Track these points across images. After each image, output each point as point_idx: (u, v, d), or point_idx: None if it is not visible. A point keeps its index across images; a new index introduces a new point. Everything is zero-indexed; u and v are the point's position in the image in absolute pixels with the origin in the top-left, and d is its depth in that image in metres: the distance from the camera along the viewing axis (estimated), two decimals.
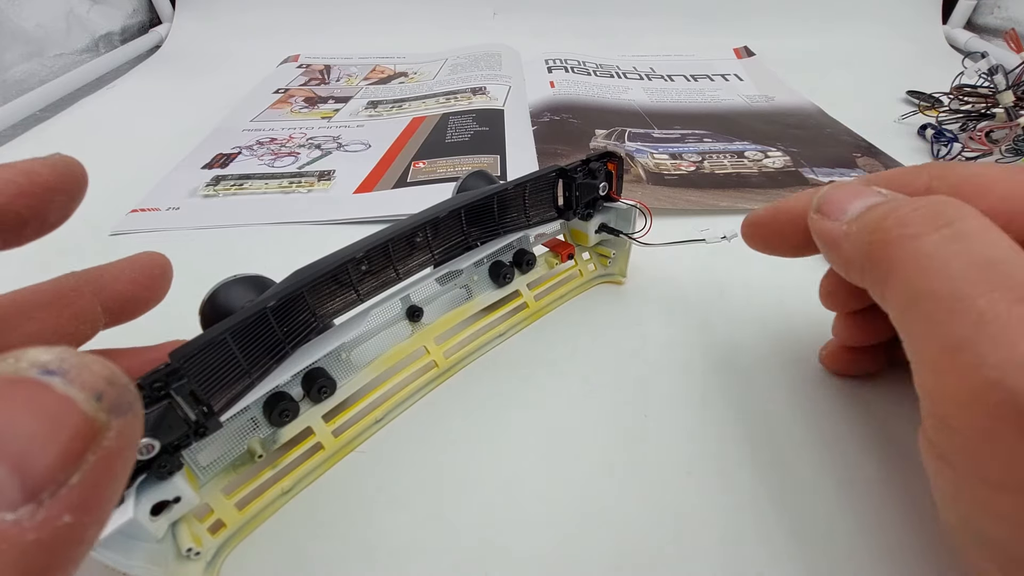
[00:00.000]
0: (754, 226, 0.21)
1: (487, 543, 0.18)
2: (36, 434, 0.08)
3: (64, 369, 0.08)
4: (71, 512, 0.08)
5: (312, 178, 0.40)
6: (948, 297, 0.13)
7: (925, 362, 0.14)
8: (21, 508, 0.07)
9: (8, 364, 0.08)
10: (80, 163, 0.16)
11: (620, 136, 0.45)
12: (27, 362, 0.08)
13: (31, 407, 0.08)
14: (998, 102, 0.40)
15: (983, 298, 0.12)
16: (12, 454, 0.07)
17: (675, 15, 0.71)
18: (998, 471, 0.12)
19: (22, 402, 0.08)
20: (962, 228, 0.13)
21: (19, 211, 0.14)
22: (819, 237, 0.17)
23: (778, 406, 0.22)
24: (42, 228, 0.15)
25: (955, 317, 0.12)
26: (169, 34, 0.69)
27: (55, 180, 0.15)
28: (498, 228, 0.24)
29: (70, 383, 0.08)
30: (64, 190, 0.15)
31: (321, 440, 0.20)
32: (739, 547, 0.18)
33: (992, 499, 0.12)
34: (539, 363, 0.24)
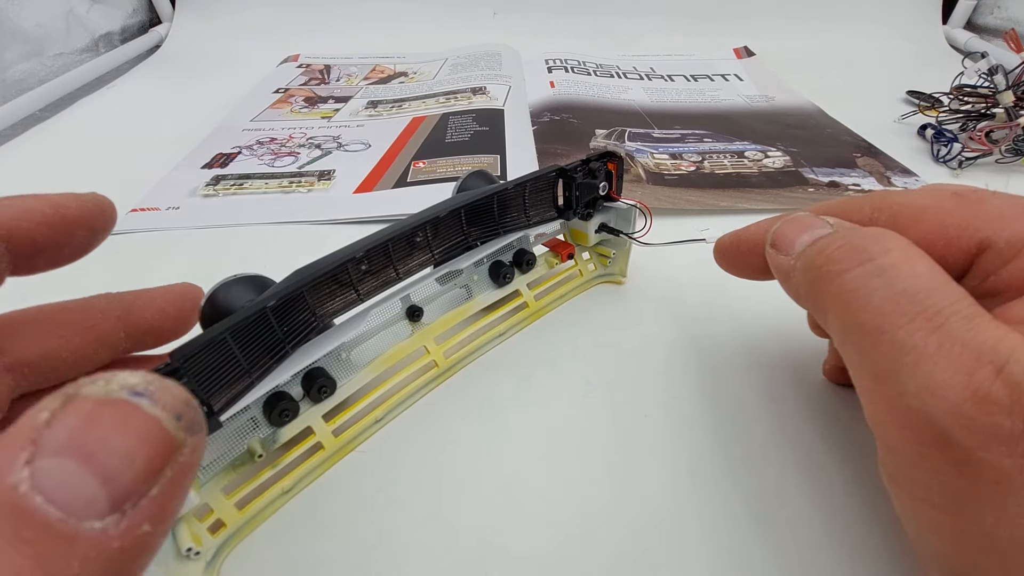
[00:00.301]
0: (719, 252, 0.21)
1: (487, 543, 0.18)
2: (125, 450, 0.08)
3: (150, 391, 0.09)
4: (149, 521, 0.09)
5: (312, 178, 0.40)
6: (873, 330, 0.13)
7: (862, 391, 0.14)
8: (108, 517, 0.08)
9: (99, 386, 0.09)
10: (112, 205, 0.16)
11: (620, 136, 0.45)
12: (118, 384, 0.09)
13: (122, 425, 0.09)
14: (998, 102, 0.40)
15: (902, 330, 0.13)
16: (103, 467, 0.08)
17: (675, 15, 0.71)
18: (935, 492, 0.13)
19: (113, 420, 0.09)
20: (883, 262, 0.14)
21: (36, 239, 0.14)
22: (774, 271, 0.18)
23: (780, 406, 0.22)
24: (56, 260, 0.16)
25: (879, 349, 0.13)
26: (169, 34, 0.69)
27: (81, 215, 0.15)
28: (498, 228, 0.24)
29: (155, 404, 0.09)
30: (88, 226, 0.16)
31: (321, 440, 0.20)
32: (740, 547, 0.18)
33: (934, 518, 0.13)
34: (539, 363, 0.24)
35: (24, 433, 0.08)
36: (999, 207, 0.15)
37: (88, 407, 0.09)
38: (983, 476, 0.11)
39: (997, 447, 0.11)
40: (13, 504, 0.08)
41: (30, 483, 0.08)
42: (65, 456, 0.08)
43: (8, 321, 0.16)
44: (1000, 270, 0.14)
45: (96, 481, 0.08)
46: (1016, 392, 0.11)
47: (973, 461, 0.11)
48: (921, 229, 0.15)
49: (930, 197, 0.16)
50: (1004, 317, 0.13)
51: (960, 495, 0.12)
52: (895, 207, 0.16)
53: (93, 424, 0.08)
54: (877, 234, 0.15)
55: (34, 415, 0.08)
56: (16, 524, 0.08)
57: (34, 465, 0.08)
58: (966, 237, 0.15)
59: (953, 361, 0.12)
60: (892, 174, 0.40)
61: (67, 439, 0.08)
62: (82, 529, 0.08)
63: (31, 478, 0.08)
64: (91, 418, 0.08)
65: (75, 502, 0.08)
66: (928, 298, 0.13)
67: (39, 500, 0.08)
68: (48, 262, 0.15)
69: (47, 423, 0.08)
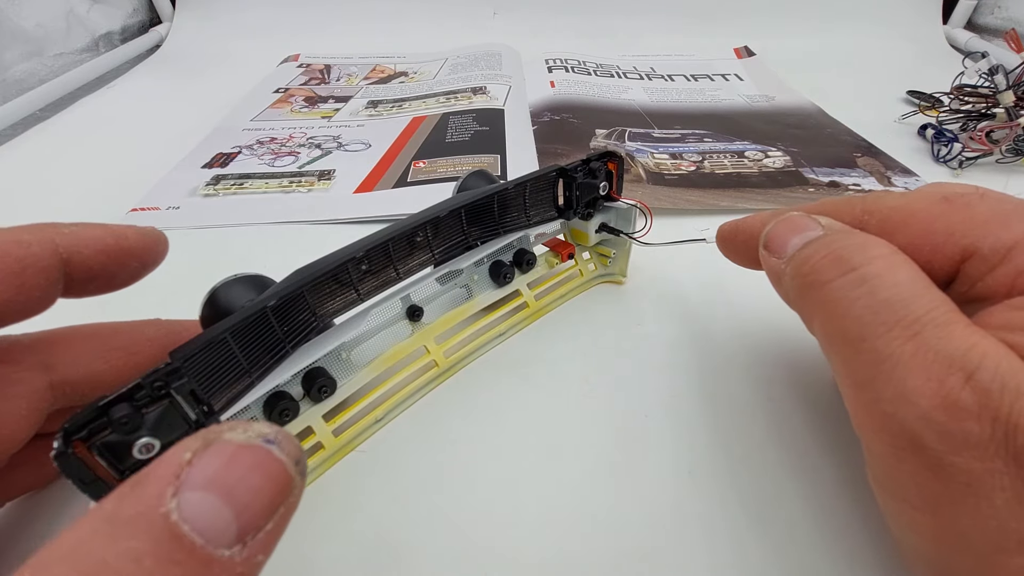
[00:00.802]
0: (720, 239, 0.22)
1: (487, 542, 0.18)
2: (257, 488, 0.10)
3: (278, 439, 0.10)
4: (263, 552, 0.10)
5: (312, 177, 0.40)
6: (854, 338, 0.14)
7: (846, 397, 0.15)
8: (235, 547, 0.09)
9: (239, 433, 0.10)
10: (166, 239, 0.17)
11: (620, 136, 0.45)
12: (255, 432, 0.10)
13: (257, 467, 0.10)
14: (998, 102, 0.40)
15: (880, 339, 0.13)
16: (238, 502, 0.10)
17: (675, 15, 0.70)
18: (913, 494, 0.13)
19: (251, 463, 0.10)
20: (865, 272, 0.14)
21: (93, 266, 0.15)
22: (767, 272, 0.18)
23: (781, 405, 0.22)
24: (107, 286, 0.16)
25: (859, 357, 0.14)
26: (169, 33, 0.69)
27: (137, 247, 0.16)
28: (498, 228, 0.24)
29: (282, 450, 0.10)
30: (140, 258, 0.16)
31: (321, 439, 0.20)
32: (739, 548, 0.18)
33: (914, 518, 0.13)
34: (539, 363, 0.24)
35: (169, 470, 0.10)
36: (985, 213, 0.15)
37: (231, 450, 0.10)
38: (955, 479, 0.12)
39: (967, 451, 0.12)
40: (169, 530, 0.09)
41: (178, 513, 0.09)
42: (208, 491, 0.09)
43: (62, 337, 0.17)
44: (985, 276, 0.14)
45: (231, 514, 0.09)
46: (984, 398, 0.11)
47: (945, 465, 0.12)
48: (909, 234, 0.15)
49: (920, 201, 0.16)
50: (985, 322, 0.13)
51: (936, 497, 0.12)
52: (885, 211, 0.16)
53: (234, 465, 0.10)
54: (861, 242, 0.15)
55: (177, 454, 0.10)
56: (169, 547, 0.09)
57: (180, 497, 0.09)
58: (951, 243, 0.15)
59: (926, 368, 0.12)
60: (892, 174, 0.40)
61: (211, 476, 0.10)
62: (216, 555, 0.09)
63: (179, 508, 0.09)
64: (233, 459, 0.10)
65: (212, 531, 0.09)
66: (906, 307, 0.13)
67: (187, 527, 0.09)
68: (99, 287, 0.16)
69: (189, 462, 0.10)
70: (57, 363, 0.16)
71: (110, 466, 0.13)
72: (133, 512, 0.09)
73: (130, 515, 0.09)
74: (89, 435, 0.13)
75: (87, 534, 0.09)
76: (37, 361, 0.16)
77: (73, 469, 0.12)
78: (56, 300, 0.15)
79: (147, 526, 0.09)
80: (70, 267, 0.15)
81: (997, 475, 0.11)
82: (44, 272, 0.14)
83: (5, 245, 0.14)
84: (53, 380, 0.16)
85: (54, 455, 0.12)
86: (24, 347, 0.16)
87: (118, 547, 0.09)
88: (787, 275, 0.17)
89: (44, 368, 0.16)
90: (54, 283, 0.15)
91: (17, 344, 0.16)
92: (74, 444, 0.12)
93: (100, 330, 0.17)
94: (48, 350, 0.16)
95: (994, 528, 0.12)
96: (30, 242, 0.14)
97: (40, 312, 0.15)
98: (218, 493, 0.09)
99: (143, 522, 0.09)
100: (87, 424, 0.13)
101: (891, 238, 0.15)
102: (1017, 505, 0.11)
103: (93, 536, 0.09)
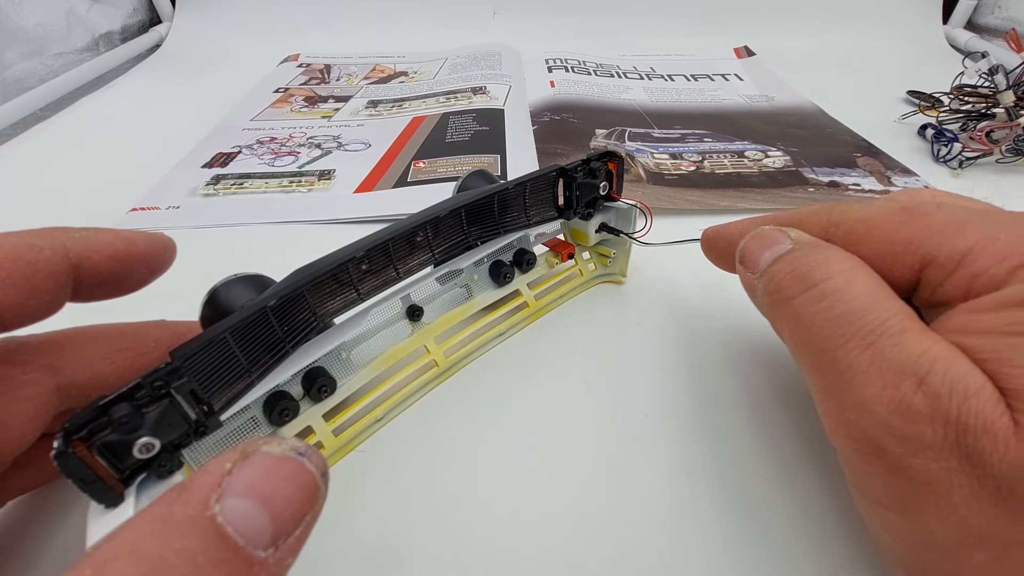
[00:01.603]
0: (703, 244, 0.23)
1: (487, 542, 0.18)
2: (291, 496, 0.11)
3: (308, 453, 0.11)
4: (291, 555, 0.11)
5: (312, 177, 0.40)
6: (817, 351, 0.15)
7: (816, 405, 0.15)
8: (269, 549, 0.10)
9: (275, 447, 0.11)
10: (174, 246, 0.18)
11: (620, 136, 0.45)
12: (289, 446, 0.11)
13: (292, 477, 0.11)
14: (999, 102, 0.40)
15: (839, 350, 0.14)
16: (275, 508, 0.11)
17: (675, 15, 0.70)
18: (882, 494, 0.14)
19: (287, 473, 0.11)
20: (825, 288, 0.15)
21: (102, 271, 0.16)
22: (744, 286, 0.19)
23: (782, 405, 0.22)
24: (115, 291, 0.16)
25: (823, 368, 0.14)
26: (169, 33, 0.69)
27: (147, 253, 0.17)
28: (498, 227, 0.24)
29: (312, 463, 0.11)
30: (148, 264, 0.17)
31: (321, 439, 0.20)
32: (741, 548, 0.18)
33: (886, 517, 0.14)
34: (539, 363, 0.24)
35: (212, 478, 0.10)
36: (941, 221, 0.15)
37: (268, 462, 0.11)
38: (917, 480, 0.12)
39: (924, 453, 0.12)
40: (216, 531, 0.10)
41: (223, 516, 0.10)
42: (248, 497, 0.10)
43: (69, 338, 0.17)
44: (944, 282, 0.15)
45: (268, 518, 0.10)
46: (935, 402, 0.12)
47: (906, 467, 0.13)
48: (872, 245, 0.16)
49: (881, 212, 0.16)
50: (942, 326, 0.14)
51: (903, 497, 0.13)
52: (850, 223, 0.17)
53: (271, 475, 0.11)
54: (823, 259, 0.16)
55: (219, 464, 0.11)
56: (217, 547, 0.10)
57: (223, 502, 0.10)
58: (911, 252, 0.15)
59: (881, 376, 0.13)
60: (892, 174, 0.40)
61: (250, 484, 0.11)
62: (256, 556, 0.10)
63: (223, 512, 0.10)
64: (270, 470, 0.11)
65: (251, 533, 0.10)
66: (863, 318, 0.14)
67: (231, 529, 0.10)
68: (107, 292, 0.16)
69: (229, 471, 0.11)
70: (64, 365, 0.16)
71: (110, 466, 0.13)
72: (183, 515, 0.10)
73: (181, 517, 0.10)
74: (89, 435, 0.13)
75: (143, 534, 0.10)
76: (44, 363, 0.16)
77: (73, 469, 0.12)
78: (64, 304, 0.15)
79: (197, 527, 0.10)
80: (80, 272, 0.15)
81: (953, 474, 0.12)
82: (55, 277, 0.14)
83: (18, 249, 0.14)
84: (60, 382, 0.16)
85: (54, 455, 0.12)
86: (32, 349, 0.16)
87: (174, 545, 0.10)
88: (759, 290, 0.18)
89: (51, 370, 0.16)
90: (64, 288, 0.15)
91: (25, 345, 0.16)
92: (74, 444, 0.12)
93: (106, 331, 0.17)
94: (55, 352, 0.16)
95: (956, 524, 0.12)
96: (42, 246, 0.14)
97: (48, 316, 0.15)
98: (256, 499, 0.10)
99: (193, 524, 0.10)
100: (87, 424, 0.13)
101: (856, 249, 0.16)
102: (975, 502, 0.12)
103: (150, 535, 0.10)
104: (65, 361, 0.16)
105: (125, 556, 0.09)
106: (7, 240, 0.14)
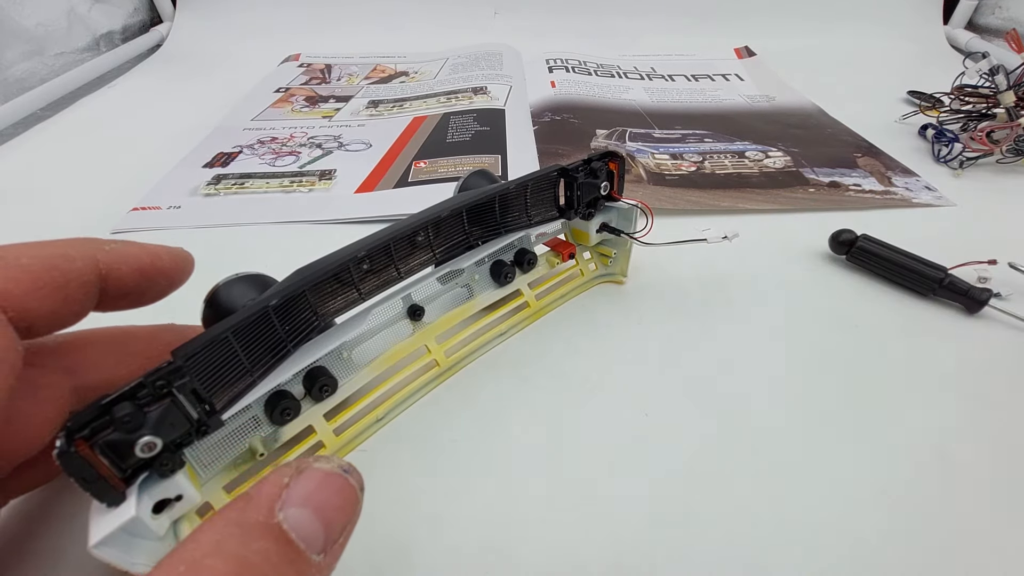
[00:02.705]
0: None
1: (487, 542, 0.18)
2: (339, 507, 0.12)
3: (351, 470, 0.13)
4: (335, 559, 0.12)
5: (313, 177, 0.40)
6: None
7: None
8: (321, 554, 0.12)
9: (324, 463, 0.13)
10: (192, 260, 0.18)
11: (621, 136, 0.45)
12: (336, 464, 0.13)
13: (340, 491, 0.12)
14: (999, 102, 0.40)
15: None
16: (326, 518, 0.12)
17: (676, 15, 0.71)
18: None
19: (335, 487, 0.12)
20: None
21: (128, 283, 0.16)
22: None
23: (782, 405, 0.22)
24: (136, 302, 0.17)
25: None
26: (170, 33, 0.69)
27: (170, 267, 0.17)
28: (499, 227, 0.24)
29: (353, 479, 0.13)
30: (169, 277, 0.17)
31: (322, 439, 0.20)
32: (741, 548, 0.18)
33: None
34: (540, 362, 0.25)
35: (274, 490, 0.12)
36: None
37: (320, 476, 0.12)
38: None
39: None
40: (283, 536, 0.11)
41: (287, 523, 0.11)
42: (305, 507, 0.12)
43: (84, 341, 0.17)
44: None
45: (321, 527, 0.12)
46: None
47: None
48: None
49: None
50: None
51: None
52: None
53: (324, 488, 0.12)
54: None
55: (278, 477, 0.12)
56: (286, 549, 0.11)
57: (285, 511, 0.11)
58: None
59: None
60: (893, 174, 0.40)
61: (306, 496, 0.12)
62: (313, 560, 0.11)
63: (286, 519, 0.11)
64: (322, 483, 0.12)
65: (309, 539, 0.11)
66: None
67: (295, 535, 0.11)
68: (129, 303, 0.17)
69: (287, 484, 0.12)
70: (79, 367, 0.16)
71: (112, 464, 0.13)
72: (255, 520, 0.11)
73: (254, 523, 0.11)
74: (92, 434, 0.13)
75: (224, 536, 0.11)
76: (61, 365, 0.16)
77: (76, 467, 0.12)
78: (89, 313, 0.16)
79: (269, 532, 0.11)
80: (107, 283, 0.16)
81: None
82: (85, 287, 0.15)
83: (53, 259, 0.14)
84: (76, 384, 0.16)
85: (57, 453, 0.12)
86: (49, 351, 0.16)
87: (253, 547, 0.11)
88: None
89: (68, 372, 0.16)
90: (92, 297, 0.15)
91: (43, 347, 0.16)
92: (77, 443, 0.12)
93: (118, 334, 0.18)
94: (71, 355, 0.16)
95: None
96: (75, 257, 0.15)
97: (73, 324, 0.15)
98: (312, 509, 0.12)
99: (265, 528, 0.11)
100: (90, 423, 0.13)
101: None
102: None
103: (230, 538, 0.11)
104: (79, 363, 0.16)
105: (213, 555, 0.10)
106: (43, 250, 0.14)
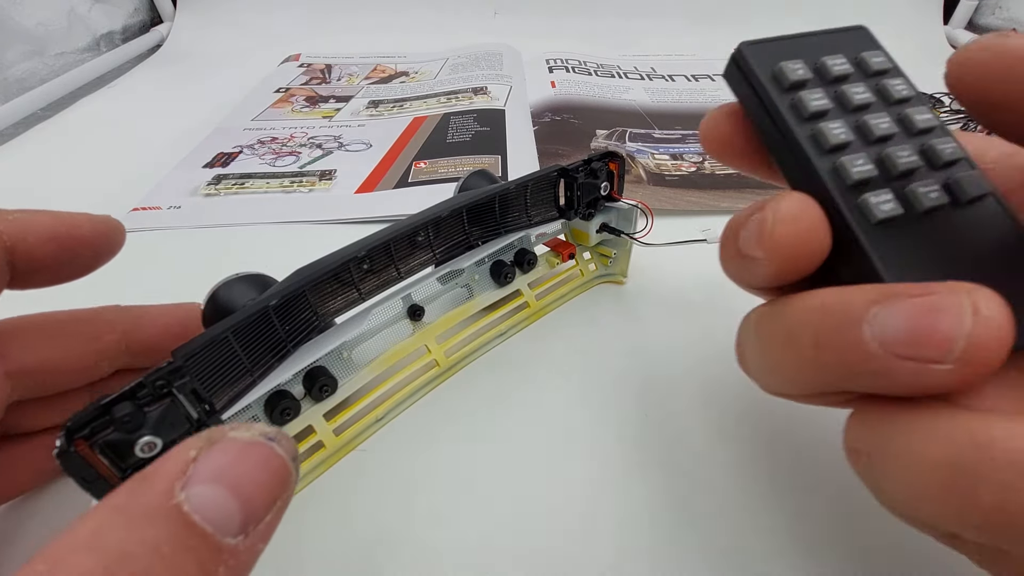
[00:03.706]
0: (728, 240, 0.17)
1: (487, 541, 0.18)
2: (262, 482, 0.10)
3: (278, 438, 0.11)
4: (262, 541, 0.11)
5: (313, 177, 0.40)
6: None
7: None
8: (239, 536, 0.10)
9: (243, 432, 0.11)
10: (123, 228, 0.17)
11: (621, 136, 0.45)
12: (258, 431, 0.11)
13: (263, 463, 0.11)
14: None
15: None
16: (244, 496, 0.10)
17: (676, 15, 0.71)
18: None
19: (257, 459, 0.11)
20: None
21: (38, 255, 0.15)
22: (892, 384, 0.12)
23: (781, 407, 0.22)
24: (57, 277, 0.16)
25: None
26: (170, 33, 0.69)
27: (91, 236, 0.16)
28: (499, 227, 0.24)
29: (282, 448, 0.11)
30: (94, 247, 0.16)
31: (322, 439, 0.20)
32: (740, 548, 0.18)
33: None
34: (540, 362, 0.25)
35: (176, 466, 0.10)
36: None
37: (237, 447, 0.11)
38: None
39: None
40: (182, 519, 0.10)
41: (189, 504, 0.10)
42: (217, 484, 0.10)
43: (14, 326, 0.16)
44: None
45: (237, 505, 0.10)
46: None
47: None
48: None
49: None
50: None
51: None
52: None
53: (240, 460, 0.10)
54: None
55: (182, 451, 0.10)
56: (184, 535, 0.09)
57: (189, 490, 0.10)
58: None
59: None
60: None
61: (218, 470, 0.10)
62: (224, 543, 0.10)
63: (189, 500, 0.10)
64: (239, 455, 0.10)
65: (220, 520, 0.10)
66: None
67: (198, 517, 0.10)
68: (48, 279, 0.16)
69: (194, 459, 0.10)
70: (8, 352, 0.15)
71: (112, 464, 0.13)
72: (146, 504, 0.10)
73: (144, 506, 0.10)
74: (91, 433, 0.13)
75: (103, 525, 0.09)
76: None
77: (75, 467, 0.12)
78: (2, 290, 0.15)
79: (161, 516, 0.09)
80: (14, 256, 0.14)
81: None
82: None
83: None
84: (8, 369, 0.15)
85: (56, 453, 0.12)
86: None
87: (137, 536, 0.09)
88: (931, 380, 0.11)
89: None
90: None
91: None
92: (76, 442, 0.12)
93: (55, 317, 0.17)
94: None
95: None
96: None
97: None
98: (226, 486, 0.10)
99: (157, 513, 0.09)
100: (89, 422, 0.13)
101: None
102: None
103: (110, 527, 0.09)
104: (8, 347, 0.16)
105: (83, 549, 0.09)
106: None
